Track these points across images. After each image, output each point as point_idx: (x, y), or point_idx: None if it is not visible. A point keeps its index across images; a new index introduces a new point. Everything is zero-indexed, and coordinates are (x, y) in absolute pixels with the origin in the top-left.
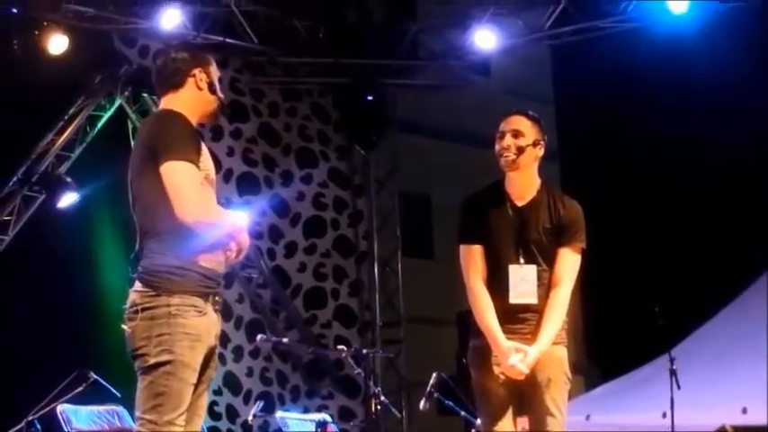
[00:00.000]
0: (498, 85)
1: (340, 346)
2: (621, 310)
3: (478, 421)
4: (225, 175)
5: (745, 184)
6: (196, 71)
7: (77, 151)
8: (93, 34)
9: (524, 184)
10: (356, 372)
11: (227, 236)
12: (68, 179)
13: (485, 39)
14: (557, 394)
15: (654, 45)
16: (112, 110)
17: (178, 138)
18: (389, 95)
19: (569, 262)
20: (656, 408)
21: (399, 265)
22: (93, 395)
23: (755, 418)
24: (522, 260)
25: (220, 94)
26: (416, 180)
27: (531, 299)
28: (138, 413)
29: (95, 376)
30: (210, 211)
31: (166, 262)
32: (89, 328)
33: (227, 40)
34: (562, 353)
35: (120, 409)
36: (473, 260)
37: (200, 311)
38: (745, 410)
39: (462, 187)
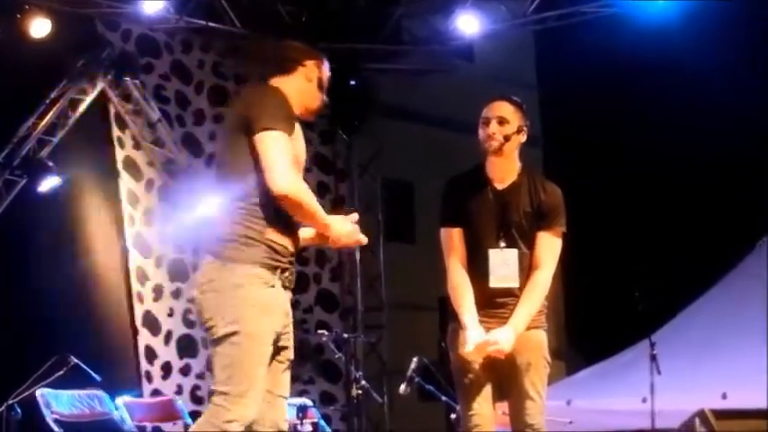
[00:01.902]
0: (482, 70)
1: (321, 331)
2: (603, 295)
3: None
4: (207, 159)
5: (728, 169)
6: (309, 63)
7: (59, 135)
8: (76, 18)
9: (505, 169)
10: (337, 356)
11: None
12: (50, 163)
13: (468, 24)
14: (536, 378)
15: (637, 30)
16: (94, 94)
17: (277, 109)
18: (373, 80)
19: (550, 245)
20: (636, 393)
21: (381, 250)
22: (74, 379)
23: (735, 404)
24: (502, 244)
25: (325, 96)
26: (399, 165)
27: (512, 283)
28: (213, 386)
29: (76, 360)
30: (300, 189)
31: (236, 231)
32: (70, 312)
33: (210, 24)
34: (542, 337)
35: (101, 393)
36: (453, 243)
37: (266, 283)
38: (725, 396)
39: (445, 172)
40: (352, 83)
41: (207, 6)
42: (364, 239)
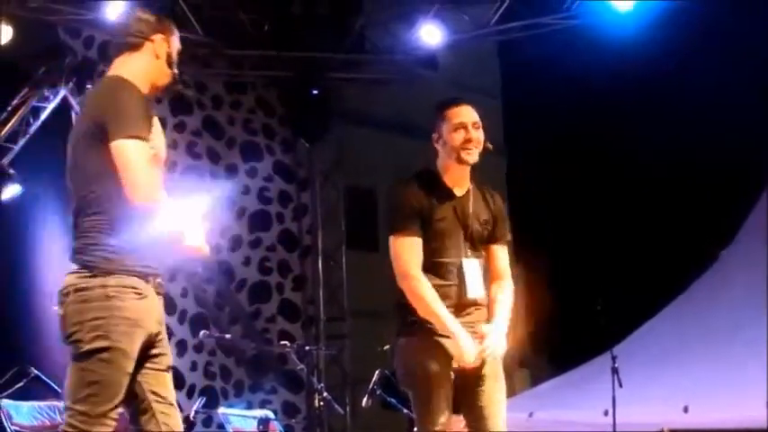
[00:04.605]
0: (446, 80)
1: (283, 342)
2: (567, 306)
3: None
4: (169, 168)
5: (692, 181)
6: (157, 37)
7: (21, 143)
8: (38, 25)
9: (463, 176)
10: (299, 367)
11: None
12: (11, 171)
13: (431, 34)
14: (501, 391)
15: (600, 41)
16: (56, 101)
17: (130, 113)
18: (335, 89)
19: (506, 256)
20: (598, 405)
21: (344, 259)
22: (35, 391)
23: (696, 417)
24: (469, 253)
25: (175, 69)
26: (361, 173)
27: (482, 293)
28: (68, 402)
29: (36, 372)
30: (158, 200)
31: (103, 241)
32: (30, 323)
33: None
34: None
35: (62, 404)
36: (415, 250)
37: (139, 294)
38: (686, 409)
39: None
40: (315, 92)
41: (169, 14)
42: (207, 251)
